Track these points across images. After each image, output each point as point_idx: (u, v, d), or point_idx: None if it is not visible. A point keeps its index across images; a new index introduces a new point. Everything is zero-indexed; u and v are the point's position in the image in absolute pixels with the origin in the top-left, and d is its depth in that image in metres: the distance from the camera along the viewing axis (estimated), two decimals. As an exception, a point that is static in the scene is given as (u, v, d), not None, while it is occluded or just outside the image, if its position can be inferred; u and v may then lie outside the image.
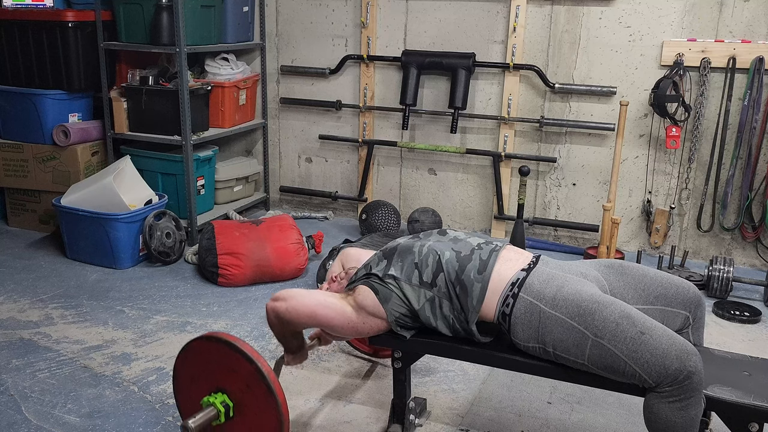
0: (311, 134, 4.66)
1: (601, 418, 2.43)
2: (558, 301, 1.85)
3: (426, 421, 2.39)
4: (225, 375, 1.93)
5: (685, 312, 2.00)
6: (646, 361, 1.73)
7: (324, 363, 2.78)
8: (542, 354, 1.91)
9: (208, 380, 1.97)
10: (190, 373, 2.03)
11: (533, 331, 1.88)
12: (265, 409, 1.86)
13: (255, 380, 1.86)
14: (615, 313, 1.79)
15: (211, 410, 1.91)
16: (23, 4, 3.99)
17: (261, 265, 3.47)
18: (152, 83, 3.98)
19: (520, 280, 1.93)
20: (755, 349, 2.96)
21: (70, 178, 4.00)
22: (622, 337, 1.76)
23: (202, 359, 1.98)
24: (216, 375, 1.95)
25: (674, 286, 2.01)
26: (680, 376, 1.70)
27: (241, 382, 1.90)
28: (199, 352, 1.99)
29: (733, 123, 3.72)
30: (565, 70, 3.99)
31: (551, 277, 1.92)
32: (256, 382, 1.86)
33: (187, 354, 2.02)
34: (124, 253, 3.68)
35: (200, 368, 1.99)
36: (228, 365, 1.91)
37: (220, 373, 1.94)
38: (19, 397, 2.49)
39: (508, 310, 1.92)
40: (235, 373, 1.90)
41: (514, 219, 3.79)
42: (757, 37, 3.62)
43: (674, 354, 1.71)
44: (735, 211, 3.83)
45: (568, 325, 1.82)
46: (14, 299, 3.30)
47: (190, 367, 2.02)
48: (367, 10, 4.27)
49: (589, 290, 1.87)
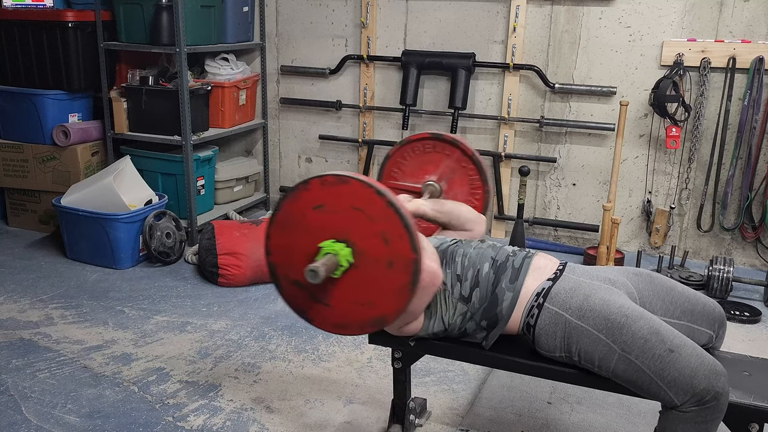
0: (311, 134, 4.66)
1: (601, 418, 2.43)
2: (585, 311, 1.80)
3: (426, 421, 2.39)
4: (349, 223, 1.68)
5: (710, 331, 1.96)
6: (673, 380, 1.68)
7: (324, 363, 2.78)
8: (569, 362, 1.86)
9: (322, 230, 1.71)
10: (296, 224, 1.74)
11: (559, 342, 1.83)
12: (399, 265, 1.64)
13: (395, 229, 1.63)
14: (644, 329, 1.73)
15: (330, 257, 1.66)
16: (23, 4, 3.99)
17: (261, 265, 3.47)
18: (152, 83, 3.98)
19: (546, 290, 1.88)
20: (755, 349, 2.96)
21: (70, 178, 4.00)
22: (651, 354, 1.71)
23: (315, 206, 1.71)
24: (335, 223, 1.69)
25: (701, 303, 1.97)
26: (707, 397, 1.66)
27: (372, 232, 1.65)
28: (311, 197, 1.71)
29: (733, 123, 3.72)
30: (565, 70, 3.99)
31: (578, 285, 1.86)
32: (396, 233, 1.63)
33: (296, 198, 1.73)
34: (124, 253, 3.68)
35: (310, 217, 1.72)
36: (355, 211, 1.66)
37: (340, 221, 1.69)
38: (19, 397, 2.49)
39: (533, 321, 1.86)
40: (366, 219, 1.65)
41: (514, 219, 3.79)
42: (757, 37, 3.62)
43: (703, 374, 1.67)
44: (735, 211, 3.82)
45: (595, 338, 1.77)
46: (14, 299, 3.30)
47: (299, 215, 1.74)
48: (367, 10, 4.27)
49: (618, 300, 1.81)
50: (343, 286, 1.73)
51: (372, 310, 1.73)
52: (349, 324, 1.78)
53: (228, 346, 2.90)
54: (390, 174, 2.53)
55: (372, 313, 1.73)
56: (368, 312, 1.74)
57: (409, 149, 2.49)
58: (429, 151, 2.47)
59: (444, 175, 2.46)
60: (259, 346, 2.90)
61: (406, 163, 2.50)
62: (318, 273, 1.61)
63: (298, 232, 1.75)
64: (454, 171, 2.45)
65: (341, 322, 1.79)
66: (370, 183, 1.65)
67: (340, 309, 1.76)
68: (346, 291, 1.74)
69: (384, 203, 1.64)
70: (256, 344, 2.91)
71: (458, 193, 2.45)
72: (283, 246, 1.79)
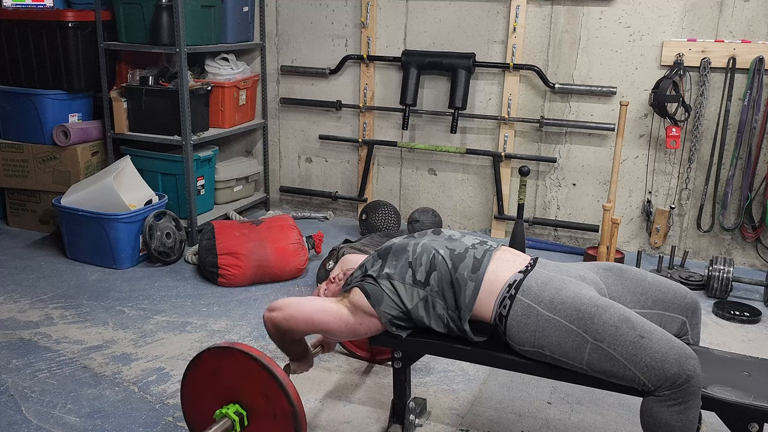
0: (311, 134, 4.66)
1: (601, 418, 2.43)
2: (556, 304, 1.85)
3: (426, 421, 2.39)
4: (238, 385, 1.93)
5: (682, 317, 2.00)
6: (645, 365, 1.73)
7: (324, 363, 2.78)
8: (539, 357, 1.90)
9: (218, 393, 1.97)
10: (198, 388, 2.02)
11: (530, 335, 1.87)
12: (282, 417, 1.88)
13: (272, 388, 1.87)
14: (614, 317, 1.78)
15: (226, 422, 1.91)
16: (23, 4, 4.00)
17: (261, 266, 3.47)
18: (152, 83, 3.98)
19: (517, 282, 1.92)
20: (755, 349, 2.96)
21: (70, 178, 4.00)
22: (622, 341, 1.75)
23: (210, 372, 1.98)
24: (226, 386, 1.95)
25: (672, 291, 2.01)
26: (679, 380, 1.70)
27: (256, 391, 1.90)
28: (207, 365, 1.98)
29: (733, 123, 3.72)
30: (565, 70, 3.99)
31: (549, 280, 1.91)
32: (273, 390, 1.87)
33: (196, 368, 2.01)
34: (124, 253, 3.68)
35: (208, 382, 1.99)
36: (241, 374, 1.91)
37: (231, 384, 1.94)
38: (19, 397, 2.49)
39: (505, 311, 1.91)
40: (250, 381, 1.90)
41: (514, 219, 3.79)
42: (757, 37, 3.62)
43: (673, 358, 1.71)
44: (735, 211, 3.83)
45: (567, 329, 1.81)
46: (14, 299, 3.30)
47: (199, 381, 2.02)
48: (367, 10, 4.27)
49: (588, 293, 1.86)
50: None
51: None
52: None
53: (228, 346, 2.90)
54: None
55: None
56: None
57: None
58: None
59: None
60: (259, 346, 2.89)
61: None
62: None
63: (201, 396, 2.02)
64: None
65: None
66: (246, 351, 1.89)
67: None
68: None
69: (259, 367, 1.88)
70: (256, 344, 2.91)
71: None
72: (193, 408, 2.06)
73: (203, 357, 1.99)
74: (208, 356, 1.98)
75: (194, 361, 2.01)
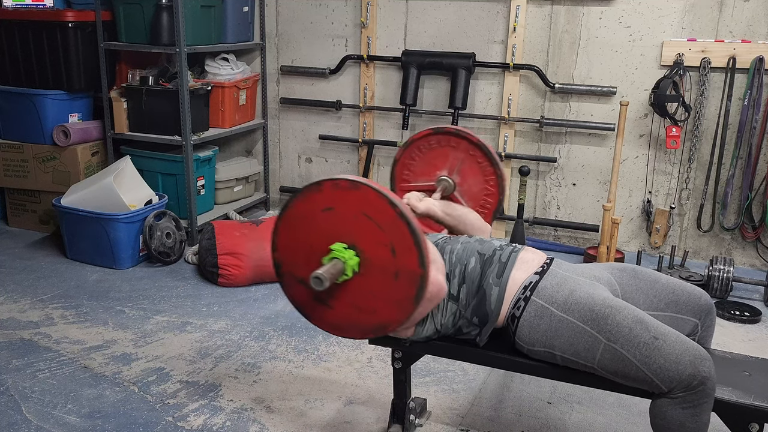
0: (311, 134, 4.66)
1: (601, 418, 2.43)
2: (570, 304, 1.83)
3: (426, 421, 2.39)
4: (357, 229, 1.67)
5: (694, 319, 1.99)
6: (659, 366, 1.71)
7: (324, 363, 2.78)
8: (547, 358, 1.89)
9: (328, 233, 1.71)
10: (302, 223, 1.74)
11: (541, 335, 1.86)
12: (404, 277, 1.64)
13: (404, 242, 1.63)
14: (628, 318, 1.77)
15: (336, 263, 1.67)
16: (23, 4, 3.99)
17: (261, 265, 3.47)
18: (152, 83, 3.98)
19: (533, 284, 1.91)
20: (755, 349, 2.96)
21: (70, 178, 4.00)
22: (636, 342, 1.74)
23: (325, 207, 1.70)
24: (341, 229, 1.69)
25: (686, 293, 1.99)
26: (694, 382, 1.69)
27: (381, 241, 1.64)
28: (324, 197, 1.71)
29: (733, 123, 3.72)
30: (565, 70, 3.99)
31: (564, 280, 1.90)
32: (406, 245, 1.63)
33: (310, 196, 1.72)
34: (124, 253, 3.68)
35: (318, 218, 1.71)
36: (366, 218, 1.65)
37: (348, 227, 1.68)
38: (19, 398, 2.49)
39: (518, 312, 1.89)
40: (376, 229, 1.64)
41: (514, 219, 3.79)
42: (757, 37, 3.62)
43: (688, 360, 1.70)
44: (735, 211, 3.82)
45: (580, 329, 1.80)
46: (14, 299, 3.30)
47: (305, 215, 1.73)
48: (367, 10, 4.27)
49: (602, 294, 1.85)
50: (347, 290, 1.73)
51: (373, 317, 1.74)
52: (349, 328, 1.79)
53: (228, 346, 2.90)
54: (401, 177, 2.53)
55: (373, 321, 1.74)
56: (369, 319, 1.75)
57: (415, 149, 2.49)
58: (435, 146, 2.46)
59: (454, 167, 2.46)
60: (259, 346, 2.90)
61: (415, 163, 2.50)
62: (322, 281, 1.63)
63: (306, 232, 1.75)
64: (464, 161, 2.45)
65: (340, 324, 1.80)
66: (382, 192, 1.64)
67: (341, 312, 1.77)
68: (349, 296, 1.74)
69: (395, 214, 1.63)
70: (256, 344, 2.91)
71: (472, 183, 2.45)
72: (290, 244, 1.78)
73: (324, 186, 1.69)
74: (329, 187, 1.69)
75: (309, 188, 1.72)
